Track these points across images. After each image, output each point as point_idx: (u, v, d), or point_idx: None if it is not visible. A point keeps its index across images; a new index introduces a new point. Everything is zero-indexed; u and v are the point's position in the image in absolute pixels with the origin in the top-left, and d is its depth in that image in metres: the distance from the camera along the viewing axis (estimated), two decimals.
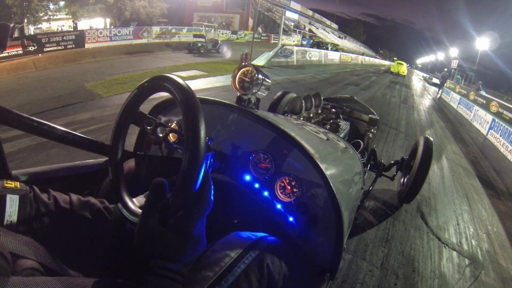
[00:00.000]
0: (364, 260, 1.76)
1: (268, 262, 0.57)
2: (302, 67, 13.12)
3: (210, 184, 0.46)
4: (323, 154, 0.92)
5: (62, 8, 14.20)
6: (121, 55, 10.70)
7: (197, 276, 0.48)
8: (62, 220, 0.64)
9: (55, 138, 0.67)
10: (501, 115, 6.68)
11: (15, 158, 2.41)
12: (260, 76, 0.83)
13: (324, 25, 44.80)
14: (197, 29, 16.06)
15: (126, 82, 5.82)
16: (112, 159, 0.63)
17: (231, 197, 0.87)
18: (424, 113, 8.19)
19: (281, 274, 0.58)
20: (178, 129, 0.86)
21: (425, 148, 2.17)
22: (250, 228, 0.84)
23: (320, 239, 0.74)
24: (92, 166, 0.85)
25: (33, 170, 0.74)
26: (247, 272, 0.52)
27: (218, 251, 0.55)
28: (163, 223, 0.42)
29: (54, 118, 3.47)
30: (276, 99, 2.52)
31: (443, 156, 4.27)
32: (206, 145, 0.48)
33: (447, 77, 14.03)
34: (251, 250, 0.56)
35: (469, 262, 1.95)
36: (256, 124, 0.83)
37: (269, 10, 31.20)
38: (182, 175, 0.45)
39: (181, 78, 0.53)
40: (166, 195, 0.43)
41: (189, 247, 0.43)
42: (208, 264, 0.52)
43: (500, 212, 2.80)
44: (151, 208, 0.42)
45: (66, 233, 0.65)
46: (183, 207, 0.43)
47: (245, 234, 0.63)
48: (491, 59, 35.86)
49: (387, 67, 31.99)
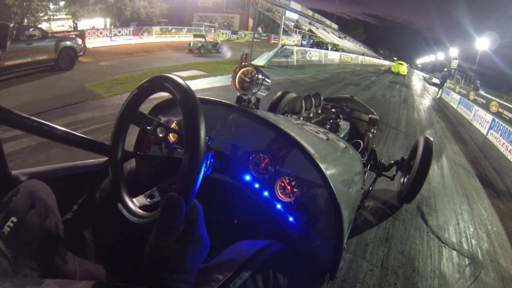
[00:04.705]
0: (364, 259, 1.76)
1: (273, 269, 0.58)
2: (302, 67, 13.11)
3: None
4: (323, 154, 0.92)
5: (62, 8, 14.18)
6: (121, 55, 10.69)
7: (206, 279, 0.49)
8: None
9: (55, 138, 0.67)
10: (501, 115, 6.68)
11: (16, 158, 2.41)
12: (260, 76, 0.83)
13: (324, 25, 44.78)
14: (197, 29, 16.06)
15: (126, 82, 5.82)
16: (112, 159, 0.63)
17: (231, 197, 0.87)
18: (424, 113, 8.19)
19: (285, 279, 0.59)
20: (178, 129, 0.86)
21: (425, 148, 2.18)
22: (250, 228, 0.84)
23: (320, 239, 0.74)
24: (92, 166, 0.85)
25: (33, 170, 0.74)
26: (253, 277, 0.53)
27: (227, 256, 0.56)
28: (178, 239, 0.40)
29: (55, 118, 3.47)
30: (276, 99, 2.52)
31: (443, 156, 4.27)
32: (206, 145, 0.48)
33: (447, 77, 14.02)
34: (258, 256, 0.57)
35: (469, 262, 1.95)
36: (256, 124, 0.83)
37: (269, 10, 31.19)
38: (182, 175, 0.45)
39: (181, 78, 0.53)
40: (183, 213, 0.40)
41: (202, 254, 0.43)
42: (217, 267, 0.52)
43: (500, 212, 2.80)
44: (167, 229, 0.40)
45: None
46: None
47: (252, 242, 0.64)
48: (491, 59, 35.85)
49: (387, 67, 32.01)
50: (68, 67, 7.57)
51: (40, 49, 6.90)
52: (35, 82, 5.94)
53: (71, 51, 7.64)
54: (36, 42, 6.84)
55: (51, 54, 7.15)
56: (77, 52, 7.89)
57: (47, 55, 7.08)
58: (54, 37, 7.55)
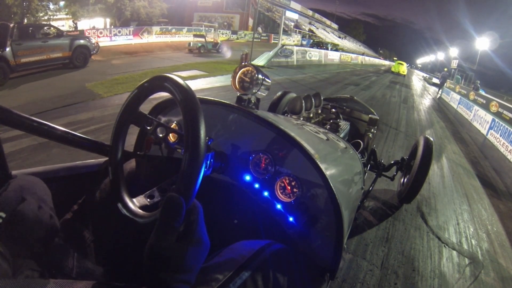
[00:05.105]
0: (364, 259, 1.76)
1: (273, 269, 0.58)
2: (302, 67, 13.11)
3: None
4: (323, 154, 0.92)
5: (62, 8, 14.19)
6: (121, 55, 10.70)
7: (206, 278, 0.49)
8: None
9: (55, 138, 0.67)
10: (501, 115, 6.68)
11: (16, 158, 2.41)
12: (260, 76, 0.83)
13: (324, 25, 44.77)
14: (197, 29, 16.06)
15: (126, 82, 5.82)
16: (112, 159, 0.63)
17: (231, 197, 0.87)
18: (424, 113, 8.19)
19: (285, 279, 0.59)
20: (178, 129, 0.86)
21: (425, 148, 2.17)
22: (250, 228, 0.84)
23: (320, 239, 0.74)
24: (92, 166, 0.85)
25: (33, 170, 0.74)
26: (253, 277, 0.53)
27: (227, 256, 0.56)
28: (178, 239, 0.40)
29: (55, 118, 3.47)
30: (276, 99, 2.52)
31: (443, 156, 4.27)
32: (206, 145, 0.48)
33: (447, 77, 14.02)
34: (258, 256, 0.57)
35: (469, 262, 1.95)
36: (256, 124, 0.82)
37: (269, 10, 31.18)
38: (182, 175, 0.45)
39: (181, 78, 0.53)
40: (183, 213, 0.40)
41: (202, 254, 0.43)
42: (217, 267, 0.52)
43: (500, 212, 2.80)
44: (167, 229, 0.39)
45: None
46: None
47: (252, 242, 0.64)
48: (491, 59, 35.86)
49: (387, 67, 32.03)
50: (81, 65, 7.75)
51: (55, 47, 7.11)
52: (56, 77, 6.25)
53: (85, 49, 7.84)
54: (52, 40, 7.05)
55: (65, 52, 7.37)
56: (91, 50, 8.08)
57: (62, 53, 7.30)
58: (69, 35, 7.78)
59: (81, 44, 7.67)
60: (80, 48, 7.67)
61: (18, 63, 6.18)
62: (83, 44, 7.73)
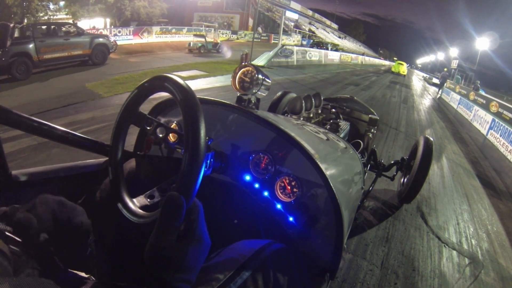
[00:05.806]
0: (364, 259, 1.76)
1: (273, 268, 0.58)
2: (302, 67, 13.11)
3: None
4: (323, 154, 0.92)
5: (62, 8, 14.19)
6: (121, 55, 10.70)
7: (207, 278, 0.49)
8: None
9: (55, 138, 0.67)
10: (501, 115, 6.68)
11: (16, 158, 2.41)
12: (260, 76, 0.83)
13: (324, 25, 44.76)
14: (197, 29, 16.06)
15: (126, 82, 5.82)
16: (112, 159, 0.63)
17: (231, 197, 0.87)
18: (424, 113, 8.19)
19: (285, 279, 0.59)
20: (178, 129, 0.86)
21: (425, 148, 2.18)
22: (250, 228, 0.84)
23: (320, 239, 0.74)
24: (92, 166, 0.85)
25: (33, 170, 0.74)
26: (254, 277, 0.53)
27: (227, 256, 0.56)
28: (178, 239, 0.40)
29: (55, 118, 3.47)
30: (276, 99, 2.52)
31: (443, 156, 4.27)
32: (206, 145, 0.48)
33: (447, 77, 14.02)
34: (258, 256, 0.57)
35: (469, 262, 1.95)
36: (256, 124, 0.82)
37: (269, 10, 31.17)
38: (182, 175, 0.45)
39: (181, 78, 0.53)
40: (183, 212, 0.40)
41: (202, 253, 0.43)
42: (218, 267, 0.52)
43: (500, 212, 2.80)
44: (167, 229, 0.39)
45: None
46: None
47: (252, 241, 0.64)
48: (491, 59, 35.83)
49: (387, 67, 32.02)
50: (100, 62, 8.03)
51: (76, 44, 7.47)
52: (85, 72, 6.66)
53: (104, 47, 8.14)
54: (73, 38, 7.40)
55: (85, 49, 7.70)
56: (109, 48, 8.40)
57: (82, 50, 7.63)
58: (89, 34, 8.07)
59: (100, 42, 7.96)
60: (99, 46, 7.94)
61: (40, 59, 6.50)
62: (102, 42, 8.01)
